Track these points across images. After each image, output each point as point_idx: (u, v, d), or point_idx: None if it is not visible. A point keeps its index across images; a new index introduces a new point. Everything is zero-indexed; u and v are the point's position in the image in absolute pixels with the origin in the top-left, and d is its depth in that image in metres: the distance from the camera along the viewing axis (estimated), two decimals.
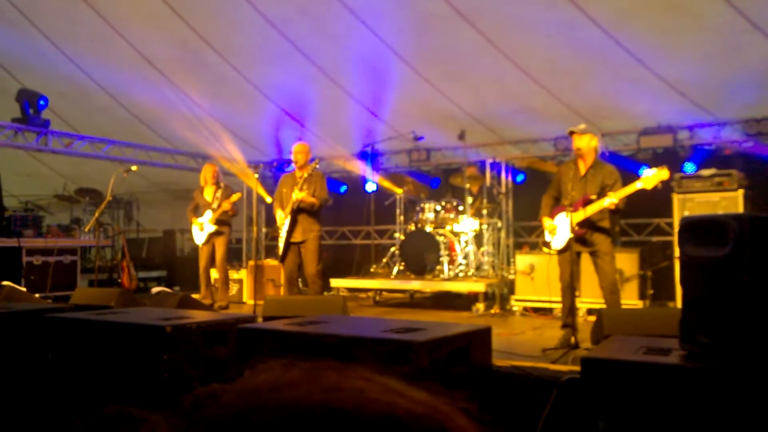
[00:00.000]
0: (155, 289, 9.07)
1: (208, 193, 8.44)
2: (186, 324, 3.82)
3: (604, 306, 5.76)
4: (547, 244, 5.97)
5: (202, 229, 8.33)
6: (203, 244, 8.39)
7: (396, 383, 0.56)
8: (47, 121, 9.34)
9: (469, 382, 3.42)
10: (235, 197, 8.25)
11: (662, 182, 5.43)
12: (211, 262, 8.40)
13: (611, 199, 5.37)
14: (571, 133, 5.81)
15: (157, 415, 0.54)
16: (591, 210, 5.50)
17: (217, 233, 8.32)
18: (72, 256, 9.50)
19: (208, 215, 8.25)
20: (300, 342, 3.39)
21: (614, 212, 5.58)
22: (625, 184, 5.51)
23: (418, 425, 0.51)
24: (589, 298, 7.16)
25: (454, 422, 0.54)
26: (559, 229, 5.73)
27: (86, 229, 9.74)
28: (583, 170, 5.75)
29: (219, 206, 8.22)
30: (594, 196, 5.54)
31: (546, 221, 5.88)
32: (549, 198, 6.00)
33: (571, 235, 5.42)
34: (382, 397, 0.53)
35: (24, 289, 7.42)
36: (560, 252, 5.74)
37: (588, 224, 5.58)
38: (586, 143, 5.69)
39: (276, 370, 0.56)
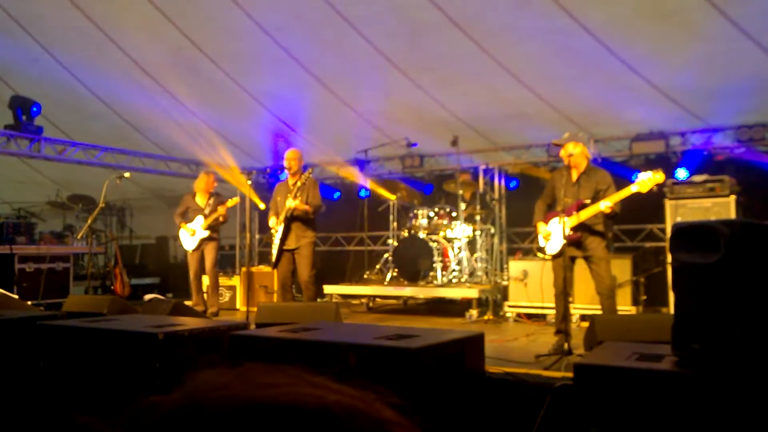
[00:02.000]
0: (148, 296, 9.04)
1: (201, 199, 8.38)
2: (178, 331, 3.82)
3: (597, 312, 5.78)
4: (541, 250, 5.98)
5: (193, 234, 8.19)
6: (194, 250, 8.26)
7: (324, 380, 0.59)
8: (40, 128, 9.34)
9: (462, 389, 3.42)
10: (231, 202, 8.18)
11: (657, 187, 5.46)
12: (201, 268, 8.32)
13: (606, 203, 5.40)
14: (555, 144, 5.90)
15: (101, 423, 0.56)
16: (585, 214, 5.52)
17: (209, 239, 8.21)
18: (64, 263, 9.46)
19: (200, 221, 8.15)
20: (293, 349, 3.39)
21: (610, 216, 5.59)
22: (617, 189, 5.54)
23: (347, 415, 0.54)
24: (583, 304, 7.17)
25: (381, 412, 0.56)
26: (553, 234, 5.75)
27: (79, 236, 9.71)
28: (575, 176, 5.78)
29: (212, 211, 8.15)
30: (588, 201, 5.57)
31: (540, 226, 5.90)
32: (542, 204, 6.03)
33: (565, 241, 5.43)
34: (313, 392, 0.56)
35: (16, 297, 7.38)
36: (554, 257, 5.76)
37: (582, 228, 5.60)
38: (569, 151, 5.73)
39: (209, 375, 0.59)
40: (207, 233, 8.17)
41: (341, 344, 3.31)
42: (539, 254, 6.18)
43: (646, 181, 5.30)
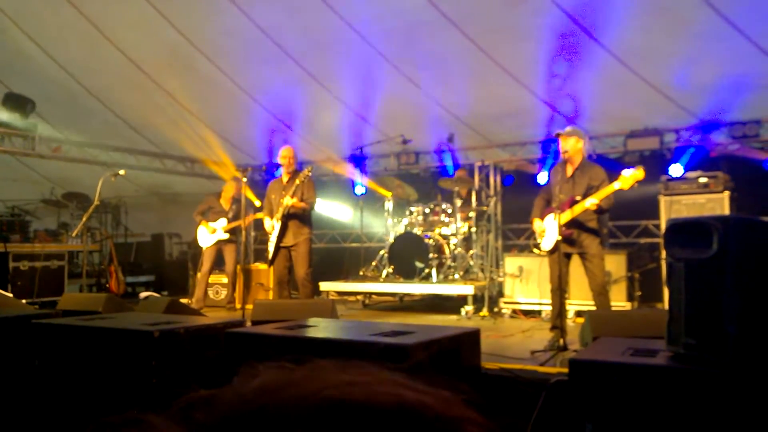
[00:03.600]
0: (143, 294, 9.06)
1: (225, 203, 8.80)
2: (174, 329, 3.81)
3: (592, 308, 5.79)
4: (537, 246, 6.00)
5: (213, 232, 8.65)
6: (208, 248, 8.66)
7: (400, 376, 0.57)
8: (35, 125, 9.30)
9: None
10: (259, 215, 8.30)
11: (638, 184, 5.44)
12: (214, 266, 8.80)
13: (592, 200, 5.41)
14: (558, 135, 5.86)
15: (162, 419, 0.54)
16: (577, 210, 5.54)
17: (228, 241, 8.74)
18: (59, 261, 9.43)
19: (222, 223, 8.64)
20: (289, 346, 3.39)
21: (598, 212, 5.60)
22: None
23: (424, 412, 0.52)
24: (578, 300, 7.19)
25: (458, 410, 0.55)
26: (548, 230, 5.76)
27: (74, 234, 9.68)
28: (570, 172, 5.78)
29: (235, 217, 8.63)
30: (579, 197, 5.58)
31: (536, 222, 5.92)
32: (540, 200, 6.03)
33: (559, 237, 5.44)
34: (390, 389, 0.54)
35: (10, 295, 7.37)
36: (549, 253, 5.77)
37: (575, 225, 5.61)
38: (572, 145, 5.73)
39: (277, 371, 0.57)
40: (227, 236, 8.68)
41: (337, 341, 3.31)
42: (535, 250, 6.19)
43: (627, 177, 5.30)
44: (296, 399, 0.52)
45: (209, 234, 8.65)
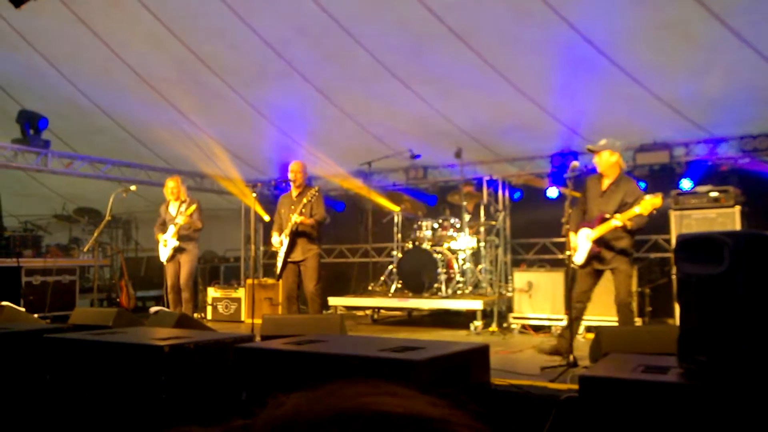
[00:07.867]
0: (153, 309, 9.05)
1: (174, 208, 8.09)
2: (184, 344, 3.82)
3: (603, 323, 5.77)
4: (571, 259, 5.93)
5: (165, 245, 7.96)
6: (168, 261, 7.99)
7: (415, 392, 0.63)
8: (47, 142, 9.40)
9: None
10: (190, 210, 7.84)
11: (656, 211, 5.43)
12: (178, 280, 7.98)
13: (616, 221, 5.39)
14: (589, 150, 5.82)
15: None
16: (603, 229, 5.50)
17: (180, 249, 7.92)
18: (71, 275, 9.49)
19: (171, 230, 7.91)
20: (298, 361, 3.39)
21: (629, 233, 5.54)
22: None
23: (436, 423, 0.57)
24: (589, 316, 7.14)
25: (467, 422, 0.60)
26: (580, 244, 5.73)
27: (85, 249, 9.74)
28: (605, 186, 5.74)
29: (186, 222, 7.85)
30: (608, 215, 5.53)
31: (571, 237, 5.82)
32: (578, 211, 5.92)
33: (587, 254, 5.47)
34: (407, 402, 0.59)
35: (23, 309, 7.41)
36: (581, 267, 5.75)
37: (604, 242, 5.57)
38: (605, 159, 5.71)
39: (302, 394, 0.62)
40: (178, 243, 7.89)
41: (346, 357, 3.31)
42: (572, 264, 6.03)
43: (647, 202, 5.28)
44: (322, 411, 0.57)
45: (164, 247, 7.94)
